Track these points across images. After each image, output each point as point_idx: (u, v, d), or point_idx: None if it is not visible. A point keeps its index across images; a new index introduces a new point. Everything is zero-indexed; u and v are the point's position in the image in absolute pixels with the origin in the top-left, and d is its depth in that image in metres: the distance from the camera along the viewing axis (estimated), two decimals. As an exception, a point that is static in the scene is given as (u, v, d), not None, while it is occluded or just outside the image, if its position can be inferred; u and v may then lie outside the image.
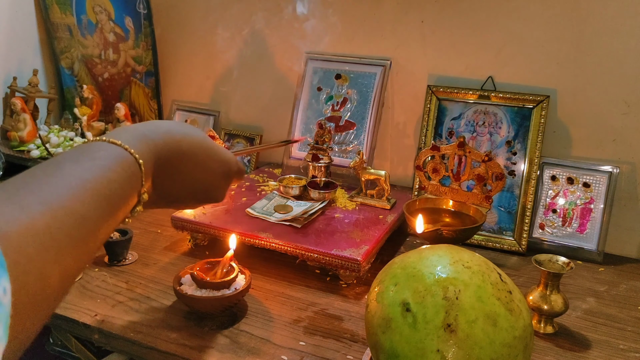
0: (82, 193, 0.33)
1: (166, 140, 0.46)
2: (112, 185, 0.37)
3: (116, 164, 0.38)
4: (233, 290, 0.74)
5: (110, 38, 1.40)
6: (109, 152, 0.39)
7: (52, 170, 0.34)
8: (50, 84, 1.50)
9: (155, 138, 0.44)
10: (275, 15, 1.27)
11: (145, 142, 0.43)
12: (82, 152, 0.37)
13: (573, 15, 1.00)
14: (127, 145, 0.40)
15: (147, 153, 0.42)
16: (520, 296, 0.52)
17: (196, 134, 0.50)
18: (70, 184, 0.33)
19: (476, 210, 0.89)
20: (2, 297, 0.24)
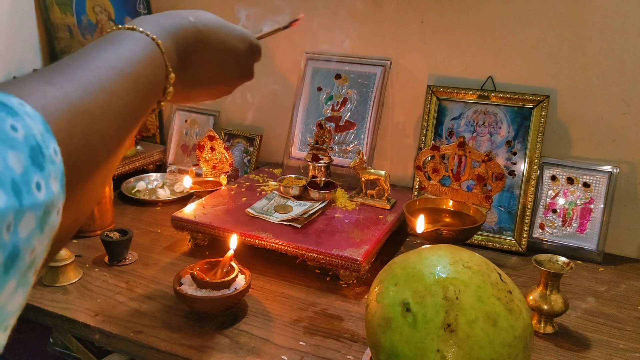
0: (110, 73, 0.35)
1: (187, 31, 0.46)
2: (138, 68, 0.38)
3: (141, 50, 0.40)
4: (233, 290, 0.74)
5: (110, 38, 1.40)
6: (134, 40, 0.40)
7: (80, 56, 0.36)
8: (50, 84, 1.50)
9: (174, 30, 0.45)
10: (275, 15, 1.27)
11: (166, 32, 0.44)
12: (109, 41, 0.39)
13: (573, 15, 1.00)
14: (153, 35, 0.41)
15: (168, 42, 0.44)
16: (520, 296, 0.53)
17: (210, 17, 0.51)
18: (99, 67, 0.35)
19: (476, 210, 0.89)
20: (54, 157, 0.26)
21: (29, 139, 0.24)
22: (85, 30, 1.43)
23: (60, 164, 0.27)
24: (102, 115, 0.33)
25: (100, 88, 0.34)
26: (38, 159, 0.25)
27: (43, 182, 0.25)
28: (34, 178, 0.24)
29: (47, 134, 0.26)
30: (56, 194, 0.26)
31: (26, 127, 0.25)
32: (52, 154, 0.26)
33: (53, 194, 0.25)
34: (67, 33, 1.46)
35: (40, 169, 0.25)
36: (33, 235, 0.24)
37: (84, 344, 0.81)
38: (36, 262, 0.25)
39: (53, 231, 0.26)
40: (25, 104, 0.26)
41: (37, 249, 0.25)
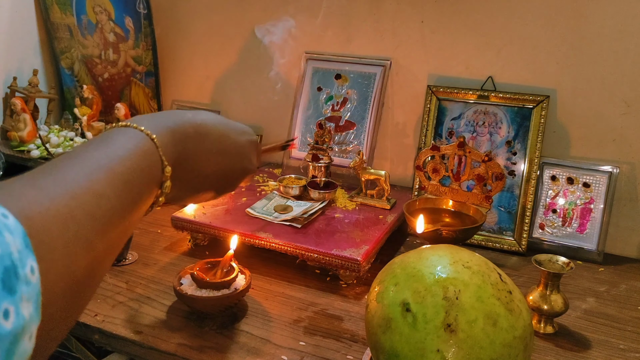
0: (100, 174, 0.34)
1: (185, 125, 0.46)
2: (130, 164, 0.37)
3: (134, 145, 0.39)
4: (233, 290, 0.74)
5: (110, 38, 1.40)
6: (127, 136, 0.39)
7: (71, 156, 0.35)
8: (50, 84, 1.50)
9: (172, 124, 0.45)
10: (275, 15, 1.27)
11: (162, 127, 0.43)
12: (101, 139, 0.38)
13: (573, 15, 1.00)
14: (147, 130, 0.41)
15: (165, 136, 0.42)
16: (520, 296, 0.53)
17: (209, 114, 0.51)
18: (89, 167, 0.34)
19: (476, 210, 0.89)
20: (30, 277, 0.25)
21: (3, 259, 0.23)
22: (85, 30, 1.43)
23: (37, 284, 0.25)
24: (89, 220, 0.31)
25: (88, 191, 0.32)
26: (10, 282, 0.23)
27: (13, 308, 0.23)
28: (2, 304, 0.22)
29: (25, 251, 0.25)
30: (28, 318, 0.24)
31: (3, 245, 0.23)
32: (28, 273, 0.24)
33: (24, 320, 0.24)
34: (67, 33, 1.46)
35: (12, 294, 0.23)
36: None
37: (84, 344, 0.81)
38: None
39: (25, 357, 0.24)
40: (9, 215, 0.25)
41: None
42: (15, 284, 0.23)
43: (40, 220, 0.28)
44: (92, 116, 1.39)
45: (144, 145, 0.40)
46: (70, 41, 1.46)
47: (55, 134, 1.32)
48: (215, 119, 0.50)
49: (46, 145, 1.23)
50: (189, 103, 1.43)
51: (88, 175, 0.33)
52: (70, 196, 0.31)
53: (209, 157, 0.48)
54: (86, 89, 1.38)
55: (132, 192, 0.37)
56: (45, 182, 0.30)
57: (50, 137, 1.29)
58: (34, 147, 1.27)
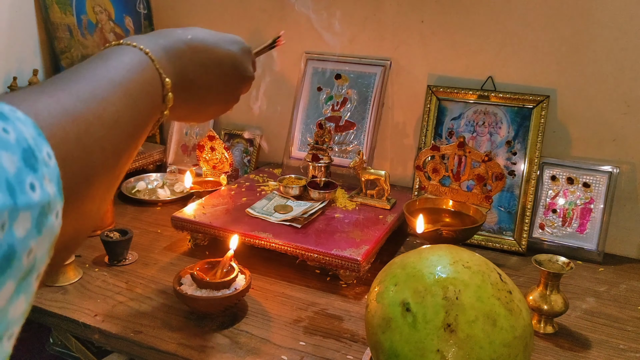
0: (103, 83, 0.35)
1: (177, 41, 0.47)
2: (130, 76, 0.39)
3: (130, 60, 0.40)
4: (233, 290, 0.74)
5: (110, 38, 1.40)
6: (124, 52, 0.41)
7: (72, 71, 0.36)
8: (50, 84, 1.50)
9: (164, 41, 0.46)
10: (275, 15, 1.27)
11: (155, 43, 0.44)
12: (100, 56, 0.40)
13: (573, 15, 1.00)
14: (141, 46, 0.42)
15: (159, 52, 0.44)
16: (520, 296, 0.53)
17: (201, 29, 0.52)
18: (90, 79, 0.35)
19: (476, 210, 0.89)
20: (47, 160, 0.26)
21: (20, 142, 0.24)
22: (85, 30, 1.43)
23: (55, 167, 0.26)
24: (97, 121, 0.33)
25: (93, 97, 0.34)
26: (30, 161, 0.24)
27: (37, 183, 0.24)
28: (27, 179, 0.24)
29: (39, 138, 0.26)
30: (52, 196, 0.26)
31: (17, 130, 0.24)
32: (45, 157, 0.26)
33: (49, 195, 0.25)
34: (67, 33, 1.46)
35: (34, 171, 0.24)
36: (30, 236, 0.24)
37: (84, 344, 0.81)
38: (37, 267, 0.25)
39: (52, 235, 0.26)
40: (17, 110, 0.26)
41: (36, 251, 0.24)
42: (35, 163, 0.25)
43: (49, 117, 0.29)
44: (92, 116, 1.39)
45: (140, 59, 0.41)
46: (70, 41, 1.46)
47: (55, 134, 1.32)
48: (205, 33, 0.51)
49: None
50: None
51: (92, 86, 0.35)
52: (77, 100, 0.32)
53: (205, 70, 0.50)
54: (86, 89, 1.38)
55: (135, 101, 0.38)
56: (52, 89, 0.32)
57: (50, 137, 1.29)
58: (34, 147, 1.27)
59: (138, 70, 0.40)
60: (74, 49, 1.47)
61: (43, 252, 0.25)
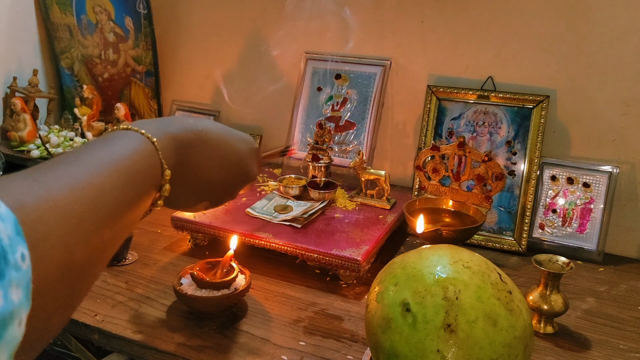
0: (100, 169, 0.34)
1: (186, 130, 0.46)
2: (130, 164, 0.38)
3: (134, 147, 0.39)
4: (233, 290, 0.74)
5: (110, 38, 1.40)
6: (128, 138, 0.39)
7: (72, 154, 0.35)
8: (50, 84, 1.50)
9: (173, 129, 0.45)
10: (275, 15, 1.27)
11: (163, 131, 0.43)
12: (103, 140, 0.39)
13: (573, 15, 1.00)
14: (148, 134, 0.41)
15: (165, 140, 0.43)
16: (520, 296, 0.52)
17: (212, 122, 0.51)
18: (89, 164, 0.34)
19: (476, 210, 0.89)
20: (20, 263, 0.25)
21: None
22: (85, 30, 1.43)
23: (27, 271, 0.25)
24: (89, 213, 0.32)
25: (88, 184, 0.32)
26: (0, 265, 0.23)
27: (1, 292, 0.23)
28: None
29: (16, 238, 0.25)
30: (16, 304, 0.24)
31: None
32: (18, 259, 0.24)
33: (12, 304, 0.24)
34: (67, 33, 1.46)
35: (0, 277, 0.23)
36: None
37: (84, 344, 0.81)
38: None
39: (13, 345, 0.24)
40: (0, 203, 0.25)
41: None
42: (5, 268, 0.23)
43: (36, 211, 0.28)
44: (92, 116, 1.39)
45: (145, 147, 0.40)
46: (70, 41, 1.46)
47: (55, 134, 1.32)
48: (217, 127, 0.51)
49: (46, 145, 1.23)
50: (189, 103, 1.43)
51: (88, 172, 0.33)
52: (70, 189, 0.31)
53: (209, 164, 0.49)
54: (86, 89, 1.38)
55: (132, 190, 0.37)
56: (45, 176, 0.31)
57: (50, 137, 1.29)
58: (34, 147, 1.27)
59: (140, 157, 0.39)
60: (74, 49, 1.47)
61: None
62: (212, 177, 0.49)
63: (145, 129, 0.41)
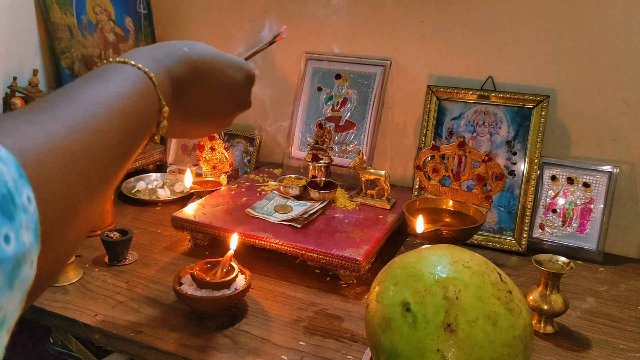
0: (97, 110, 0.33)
1: (181, 62, 0.45)
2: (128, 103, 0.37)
3: (132, 84, 0.38)
4: (233, 290, 0.74)
5: (110, 38, 1.40)
6: (125, 74, 0.38)
7: (68, 92, 0.34)
8: (50, 84, 1.50)
9: (169, 62, 0.44)
10: (275, 15, 1.27)
11: (160, 64, 0.42)
12: (98, 75, 0.37)
13: (573, 15, 1.00)
14: (145, 68, 0.40)
15: (162, 74, 0.42)
16: (520, 296, 0.53)
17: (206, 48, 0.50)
18: (86, 104, 0.33)
19: (476, 210, 0.89)
20: (27, 205, 0.24)
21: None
22: (85, 30, 1.43)
23: (35, 212, 0.25)
24: (87, 155, 0.31)
25: (86, 126, 0.32)
26: (8, 209, 0.23)
27: (13, 233, 0.23)
28: (2, 230, 0.22)
29: (20, 180, 0.24)
30: (28, 245, 0.24)
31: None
32: (25, 201, 0.24)
33: (24, 245, 0.24)
34: (67, 33, 1.46)
35: (10, 220, 0.23)
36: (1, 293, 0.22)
37: (84, 344, 0.81)
38: (7, 322, 0.23)
39: (26, 285, 0.24)
40: (1, 147, 0.25)
41: (7, 307, 0.23)
42: (14, 210, 0.23)
43: (35, 153, 0.27)
44: (92, 116, 1.39)
45: (143, 85, 0.39)
46: (70, 41, 1.46)
47: (55, 134, 1.32)
48: (212, 54, 0.49)
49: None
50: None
51: (85, 112, 0.33)
52: (67, 130, 0.30)
53: (205, 96, 0.48)
54: (86, 89, 1.38)
55: (130, 130, 0.37)
56: (41, 117, 0.30)
57: (50, 137, 1.29)
58: (34, 147, 1.27)
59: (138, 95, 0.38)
60: (74, 49, 1.47)
61: (15, 305, 0.24)
62: (207, 107, 0.49)
63: (143, 62, 0.40)
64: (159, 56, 0.43)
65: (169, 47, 0.46)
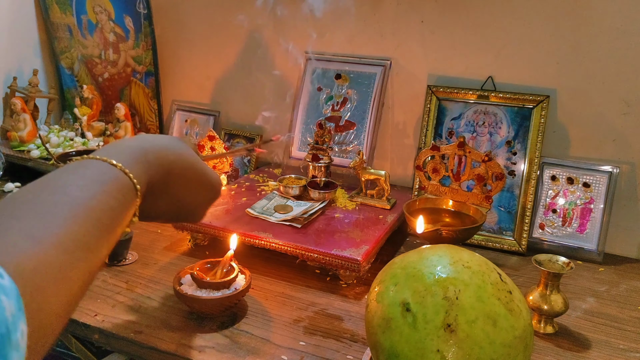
0: (88, 223, 0.35)
1: (161, 162, 0.46)
2: (114, 212, 0.38)
3: (117, 190, 0.39)
4: (233, 290, 0.74)
5: (110, 38, 1.40)
6: (111, 176, 0.40)
7: (58, 194, 0.35)
8: (50, 84, 1.50)
9: (150, 159, 0.45)
10: (275, 15, 1.27)
11: (141, 164, 0.43)
12: (85, 175, 0.38)
13: (573, 15, 1.00)
14: (127, 170, 0.41)
15: (142, 175, 0.43)
16: (520, 296, 0.53)
17: (189, 155, 0.50)
18: (77, 213, 0.35)
19: (476, 210, 0.89)
20: (20, 341, 0.25)
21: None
22: (85, 30, 1.43)
23: (24, 347, 0.26)
24: (72, 266, 0.32)
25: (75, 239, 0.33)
26: (4, 349, 0.24)
27: None
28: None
29: (18, 314, 0.25)
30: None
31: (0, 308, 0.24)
32: (19, 338, 0.25)
33: None
34: (67, 33, 1.46)
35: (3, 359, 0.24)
36: None
37: (84, 344, 0.81)
38: None
39: None
40: (5, 275, 0.26)
41: None
42: (8, 351, 0.24)
43: (34, 276, 0.28)
44: (92, 116, 1.39)
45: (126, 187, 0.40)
46: (70, 41, 1.46)
47: (55, 134, 1.32)
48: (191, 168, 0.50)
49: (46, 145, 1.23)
50: (189, 103, 1.43)
51: (78, 225, 0.34)
52: (63, 249, 0.32)
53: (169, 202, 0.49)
54: (86, 89, 1.38)
55: (113, 234, 0.38)
56: (36, 228, 0.31)
57: (50, 137, 1.29)
58: (34, 147, 1.27)
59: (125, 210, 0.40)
60: (74, 49, 1.47)
61: None
62: (166, 210, 0.50)
63: (123, 161, 0.41)
64: (140, 152, 0.44)
65: (150, 142, 0.46)
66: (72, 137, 1.34)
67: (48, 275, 0.30)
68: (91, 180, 0.38)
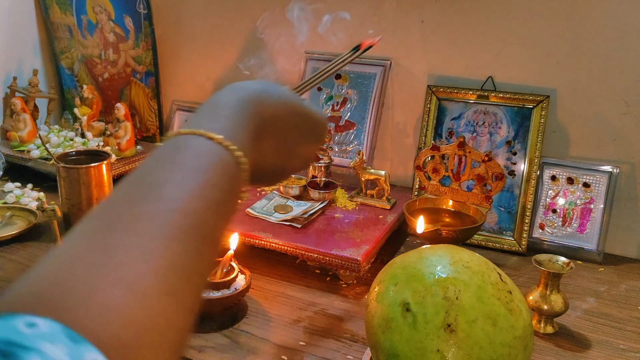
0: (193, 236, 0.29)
1: (263, 114, 0.39)
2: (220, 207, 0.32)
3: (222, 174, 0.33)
4: (233, 290, 0.74)
5: (110, 38, 1.40)
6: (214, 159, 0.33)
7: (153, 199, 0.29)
8: (50, 84, 1.50)
9: (250, 113, 0.38)
10: (275, 15, 1.27)
11: (243, 125, 0.37)
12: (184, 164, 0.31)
13: (573, 14, 0.99)
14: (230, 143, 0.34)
15: (247, 140, 0.36)
16: (520, 296, 0.53)
17: (289, 96, 0.44)
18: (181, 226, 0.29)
19: (476, 210, 0.89)
20: None
21: None
22: (85, 30, 1.43)
23: None
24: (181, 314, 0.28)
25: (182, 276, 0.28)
26: None
27: None
28: None
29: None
30: None
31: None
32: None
33: None
34: (67, 33, 1.46)
35: None
36: None
37: (84, 344, 0.81)
38: None
39: None
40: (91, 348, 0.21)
41: None
42: None
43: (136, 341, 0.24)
44: (92, 116, 1.39)
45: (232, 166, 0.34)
46: (70, 41, 1.46)
47: (55, 134, 1.32)
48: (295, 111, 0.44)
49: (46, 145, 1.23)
50: (189, 103, 1.43)
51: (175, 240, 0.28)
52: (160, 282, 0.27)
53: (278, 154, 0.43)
54: (86, 89, 1.38)
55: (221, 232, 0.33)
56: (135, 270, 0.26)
57: (50, 137, 1.29)
58: (34, 147, 1.27)
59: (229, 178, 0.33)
60: (74, 49, 1.47)
61: None
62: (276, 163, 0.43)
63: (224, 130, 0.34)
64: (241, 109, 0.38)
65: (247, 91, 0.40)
66: (72, 137, 1.34)
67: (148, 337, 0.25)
68: (191, 169, 0.31)
